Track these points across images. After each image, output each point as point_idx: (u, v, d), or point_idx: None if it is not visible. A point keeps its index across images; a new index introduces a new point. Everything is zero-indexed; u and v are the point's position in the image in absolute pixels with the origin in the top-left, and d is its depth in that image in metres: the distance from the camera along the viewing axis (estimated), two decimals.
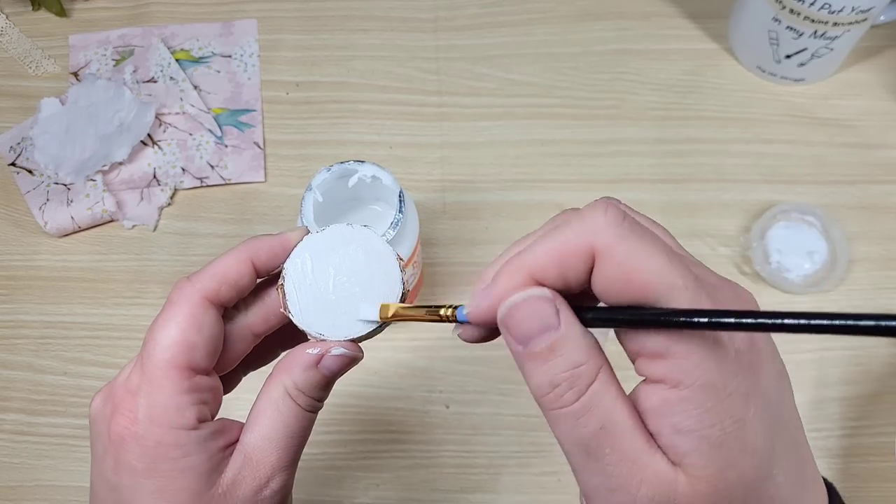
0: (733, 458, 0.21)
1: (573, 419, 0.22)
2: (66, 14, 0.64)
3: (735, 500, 0.22)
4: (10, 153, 0.58)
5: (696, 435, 0.21)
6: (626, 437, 0.22)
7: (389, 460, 0.50)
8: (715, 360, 0.21)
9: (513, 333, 0.23)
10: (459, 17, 0.63)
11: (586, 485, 0.23)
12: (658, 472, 0.22)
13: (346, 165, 0.45)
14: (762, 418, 0.22)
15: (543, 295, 0.23)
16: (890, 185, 0.57)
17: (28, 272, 0.55)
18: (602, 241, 0.22)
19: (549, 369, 0.22)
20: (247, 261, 0.28)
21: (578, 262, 0.22)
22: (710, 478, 0.21)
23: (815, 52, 0.57)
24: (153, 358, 0.26)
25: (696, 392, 0.21)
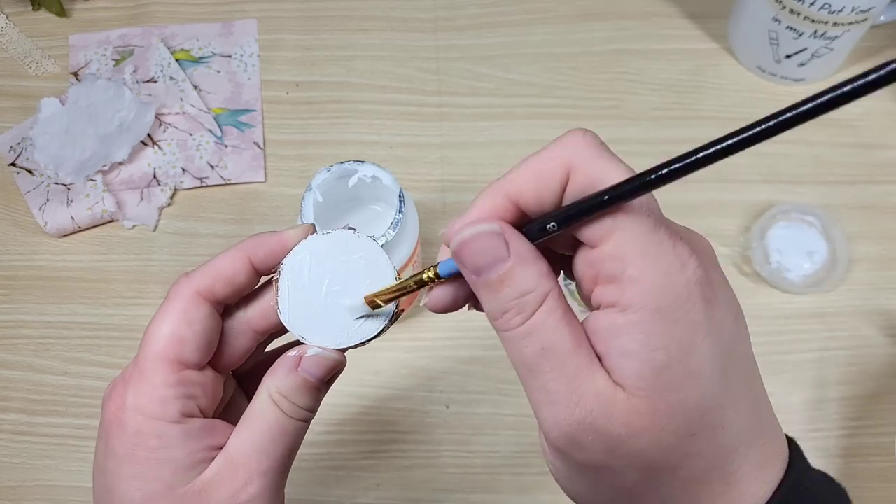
0: (676, 382, 0.22)
1: (519, 340, 0.23)
2: (66, 14, 0.64)
3: (676, 423, 0.22)
4: (10, 153, 0.58)
5: (640, 358, 0.22)
6: (566, 357, 0.23)
7: (389, 460, 0.50)
8: (666, 286, 0.22)
9: (466, 265, 0.24)
10: (459, 17, 0.63)
11: (532, 401, 0.24)
12: (598, 389, 0.22)
13: (346, 165, 0.45)
14: (712, 349, 0.22)
15: (493, 229, 0.24)
16: (890, 185, 0.57)
17: (28, 272, 0.55)
18: (578, 158, 0.23)
19: (500, 298, 0.23)
20: (243, 258, 0.28)
21: (554, 179, 0.23)
22: (650, 398, 0.22)
23: (815, 52, 0.57)
24: (144, 350, 0.27)
25: (644, 316, 0.22)
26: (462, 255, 0.24)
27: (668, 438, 0.22)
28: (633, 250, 0.22)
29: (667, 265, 0.22)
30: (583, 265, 0.24)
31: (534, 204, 0.24)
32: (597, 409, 0.22)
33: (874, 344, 0.53)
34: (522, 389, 0.55)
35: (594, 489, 0.24)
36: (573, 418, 0.22)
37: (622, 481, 0.23)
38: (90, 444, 0.51)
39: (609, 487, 0.24)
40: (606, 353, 0.23)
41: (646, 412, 0.22)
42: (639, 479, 0.23)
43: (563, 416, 0.23)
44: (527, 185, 0.24)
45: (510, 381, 0.52)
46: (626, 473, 0.23)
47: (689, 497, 0.24)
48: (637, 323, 0.22)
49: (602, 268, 0.23)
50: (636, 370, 0.22)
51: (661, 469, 0.23)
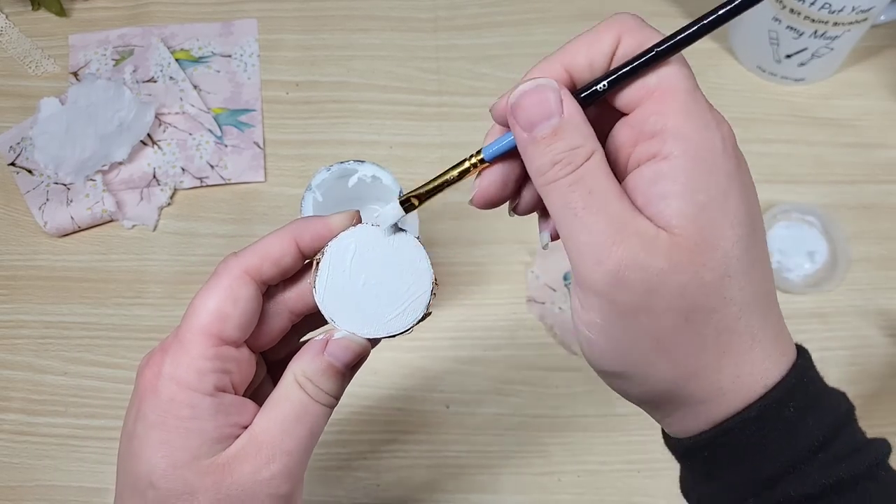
0: (716, 221, 0.24)
1: (566, 187, 0.24)
2: (66, 14, 0.64)
3: (715, 259, 0.24)
4: (10, 153, 0.58)
5: (683, 198, 0.23)
6: (612, 202, 0.24)
7: (389, 460, 0.50)
8: (705, 138, 0.24)
9: (519, 121, 0.25)
10: (459, 16, 0.63)
11: (573, 249, 0.24)
12: (641, 230, 0.23)
13: (346, 165, 0.45)
14: (744, 202, 0.24)
15: (549, 84, 0.25)
16: (890, 185, 0.57)
17: (28, 272, 0.55)
18: (626, 28, 0.25)
19: (550, 151, 0.24)
20: (290, 240, 0.29)
21: (605, 45, 0.25)
22: (692, 234, 0.23)
23: (815, 52, 0.57)
24: (187, 323, 0.27)
25: (686, 161, 0.23)
26: (517, 108, 0.25)
27: (707, 275, 0.23)
28: (675, 105, 0.24)
29: (705, 121, 0.24)
30: (622, 131, 0.25)
31: (586, 69, 0.25)
32: (640, 245, 0.23)
33: (874, 344, 0.53)
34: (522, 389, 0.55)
35: (631, 339, 0.25)
36: (617, 254, 0.23)
37: (661, 325, 0.24)
38: (90, 444, 0.51)
39: (647, 336, 0.24)
40: (647, 200, 0.24)
41: (687, 247, 0.23)
42: (676, 322, 0.24)
43: (607, 253, 0.23)
44: (580, 50, 0.25)
45: (510, 380, 0.52)
46: (666, 315, 0.24)
47: (721, 346, 0.25)
48: (679, 167, 0.23)
49: (644, 125, 0.24)
50: (678, 208, 0.23)
51: (699, 310, 0.24)
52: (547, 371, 0.52)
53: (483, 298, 0.54)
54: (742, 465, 0.26)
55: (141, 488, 0.26)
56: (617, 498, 0.49)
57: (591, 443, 0.51)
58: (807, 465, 0.25)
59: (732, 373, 0.25)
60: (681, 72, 0.25)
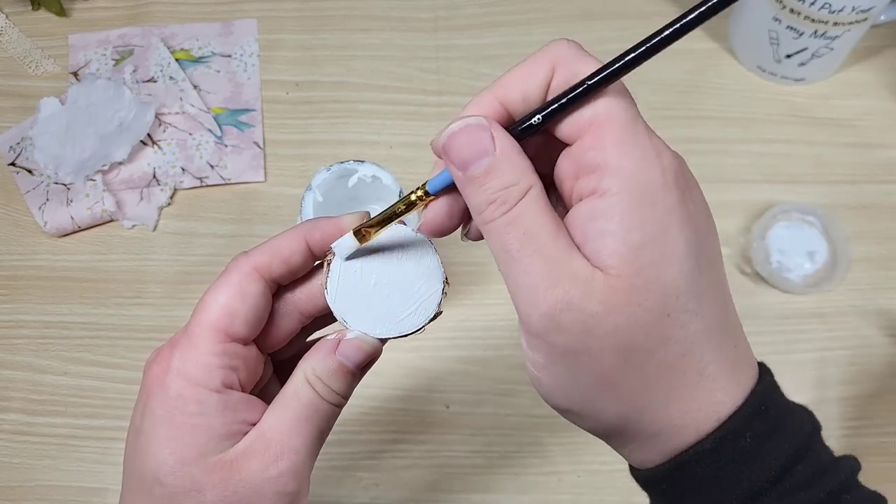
0: (653, 259, 0.23)
1: (502, 228, 0.24)
2: (66, 14, 0.64)
3: (652, 300, 0.23)
4: (10, 153, 0.58)
5: (618, 236, 0.23)
6: (546, 242, 0.24)
7: (389, 460, 0.50)
8: (643, 171, 0.23)
9: (453, 160, 0.25)
10: (459, 16, 0.63)
11: (511, 288, 0.24)
12: (576, 271, 0.23)
13: (346, 165, 0.45)
14: (686, 236, 0.23)
15: (479, 123, 0.25)
16: (890, 185, 0.57)
17: (28, 272, 0.55)
18: (561, 58, 0.25)
19: (485, 190, 0.24)
20: (301, 239, 0.29)
21: (539, 76, 0.25)
22: (628, 275, 0.23)
23: (815, 52, 0.57)
24: (196, 318, 0.27)
25: (622, 198, 0.23)
26: (449, 149, 0.25)
27: (644, 316, 0.23)
28: (612, 139, 0.23)
29: (643, 152, 0.23)
30: (564, 162, 0.25)
31: (520, 102, 0.25)
32: (574, 287, 0.23)
33: (874, 344, 0.53)
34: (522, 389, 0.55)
35: (574, 379, 0.24)
36: (552, 298, 0.23)
37: (600, 366, 0.24)
38: (90, 444, 0.51)
39: (588, 375, 0.24)
40: (585, 238, 0.24)
41: (622, 288, 0.23)
42: (616, 362, 0.24)
43: (542, 297, 0.23)
44: (513, 85, 0.25)
45: (510, 381, 0.52)
46: (604, 356, 0.23)
47: (665, 384, 0.24)
48: (615, 205, 0.23)
49: (583, 159, 0.24)
50: (613, 248, 0.23)
51: (638, 350, 0.23)
52: None
53: (483, 298, 0.54)
54: (701, 497, 0.25)
55: (148, 484, 0.26)
56: (617, 498, 0.49)
57: (591, 443, 0.50)
58: (766, 495, 0.24)
59: (680, 409, 0.24)
60: (618, 102, 0.24)
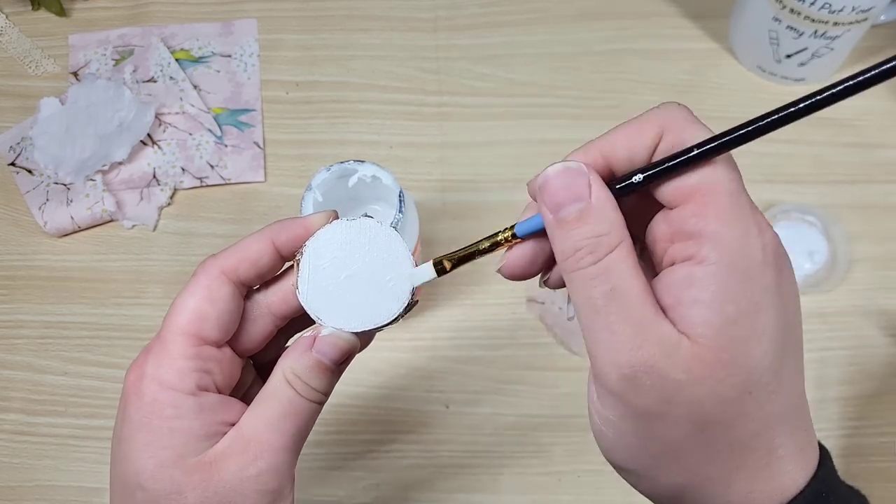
0: (742, 336, 0.22)
1: (588, 279, 0.24)
2: (66, 14, 0.64)
3: (737, 376, 0.23)
4: (10, 153, 0.58)
5: (712, 307, 0.22)
6: (634, 301, 0.23)
7: (389, 460, 0.50)
8: (744, 246, 0.23)
9: (546, 201, 0.25)
10: (459, 16, 0.63)
11: (592, 342, 0.24)
12: (662, 335, 0.23)
13: (346, 165, 0.45)
14: (777, 316, 0.23)
15: (579, 168, 0.24)
16: (890, 185, 0.57)
17: (28, 272, 0.55)
18: (672, 122, 0.25)
19: (575, 235, 0.24)
20: (268, 241, 0.29)
21: (647, 137, 0.25)
22: (715, 347, 0.22)
23: (815, 52, 0.57)
24: (167, 323, 0.28)
25: (721, 269, 0.22)
26: (545, 189, 0.25)
27: (726, 391, 0.23)
28: (716, 209, 0.23)
29: (747, 227, 0.23)
30: (660, 225, 0.25)
31: (625, 160, 0.25)
32: (659, 352, 0.22)
33: (875, 344, 0.53)
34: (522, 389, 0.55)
35: (643, 441, 0.24)
36: (635, 359, 0.23)
37: (673, 433, 0.23)
38: (90, 444, 0.51)
39: (658, 440, 0.24)
40: (676, 303, 0.23)
41: (709, 360, 0.22)
42: (690, 432, 0.23)
43: (625, 357, 0.23)
44: (620, 141, 0.25)
45: (510, 381, 0.52)
46: (679, 425, 0.23)
47: (734, 460, 0.24)
48: (713, 274, 0.22)
49: (683, 224, 0.23)
50: (705, 318, 0.22)
51: (714, 424, 0.23)
52: (547, 371, 0.52)
53: (483, 298, 0.54)
54: None
55: (131, 490, 0.27)
56: (617, 498, 0.49)
57: (591, 443, 0.50)
58: None
59: (744, 488, 0.24)
60: (725, 173, 0.24)
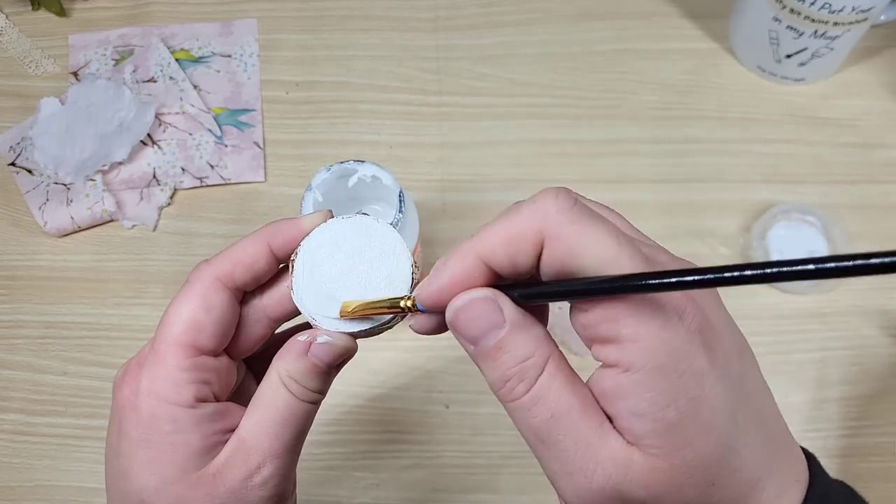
0: (690, 437, 0.22)
1: (525, 410, 0.23)
2: (66, 14, 0.64)
3: (695, 476, 0.22)
4: (10, 153, 0.58)
5: (651, 417, 0.22)
6: (577, 423, 0.22)
7: (389, 460, 0.50)
8: (666, 341, 0.22)
9: (462, 335, 0.24)
10: (459, 16, 0.63)
11: (547, 471, 0.24)
12: (613, 453, 0.22)
13: (346, 165, 0.45)
14: (720, 396, 0.22)
15: (485, 296, 0.24)
16: (890, 185, 0.57)
17: (28, 272, 0.55)
18: (551, 225, 0.22)
19: (500, 366, 0.23)
20: (263, 244, 0.28)
21: (527, 245, 0.23)
22: (666, 456, 0.22)
23: (815, 52, 0.57)
24: (161, 334, 0.27)
25: (649, 375, 0.22)
26: (457, 324, 0.24)
27: (688, 493, 0.22)
28: (626, 310, 0.22)
29: (663, 319, 0.22)
30: (577, 325, 0.23)
31: (508, 267, 0.23)
32: (615, 473, 0.22)
33: (875, 344, 0.53)
34: None
35: None
36: (593, 486, 0.22)
37: None
38: (90, 444, 0.51)
39: None
40: (617, 414, 0.22)
41: (664, 470, 0.22)
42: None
43: (583, 485, 0.22)
44: (499, 248, 0.23)
45: None
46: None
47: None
48: (642, 382, 0.22)
49: (596, 330, 0.22)
50: (649, 429, 0.22)
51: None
52: None
53: None
54: None
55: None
56: None
57: None
58: None
59: None
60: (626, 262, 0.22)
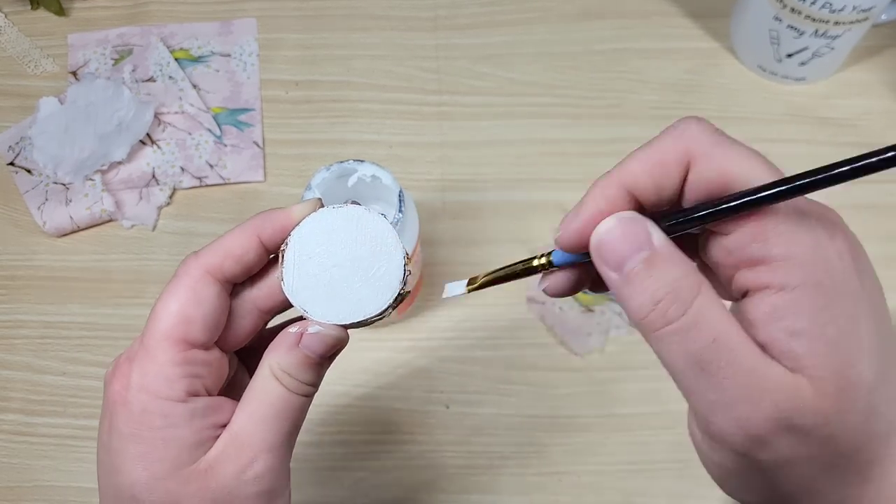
0: (852, 355, 0.21)
1: (683, 334, 0.21)
2: (65, 13, 0.64)
3: (860, 399, 0.21)
4: (9, 153, 0.58)
5: (812, 335, 0.21)
6: (740, 349, 0.21)
7: (389, 460, 0.50)
8: (819, 260, 0.21)
9: (607, 260, 0.22)
10: (459, 16, 0.63)
11: (702, 404, 0.22)
12: (779, 380, 0.21)
13: (346, 165, 0.45)
14: (873, 321, 0.21)
15: (632, 216, 0.22)
16: (890, 184, 0.57)
17: (27, 272, 0.55)
18: (698, 146, 0.22)
19: (649, 286, 0.22)
20: (252, 235, 0.28)
21: (673, 168, 0.22)
22: (832, 378, 0.20)
23: (816, 52, 0.57)
24: (150, 329, 0.27)
25: (807, 292, 0.21)
26: (602, 249, 0.23)
27: (854, 419, 0.21)
28: (777, 227, 0.21)
29: (815, 238, 0.21)
30: (719, 252, 0.23)
31: (652, 195, 0.23)
32: (783, 400, 0.21)
33: None
34: (522, 389, 0.54)
35: (768, 485, 0.23)
36: (760, 416, 0.21)
37: (802, 474, 0.22)
38: (89, 445, 0.51)
39: (786, 483, 0.22)
40: (772, 339, 0.21)
41: (830, 393, 0.21)
42: (821, 470, 0.22)
43: (749, 415, 0.21)
44: (643, 175, 0.23)
45: (510, 381, 0.52)
46: (811, 466, 0.22)
47: (861, 479, 0.22)
48: (800, 300, 0.21)
49: (744, 251, 0.22)
50: (811, 349, 0.21)
51: (844, 455, 0.22)
52: (547, 371, 0.52)
53: (483, 298, 0.54)
54: None
55: (125, 502, 0.26)
56: (617, 498, 0.49)
57: (591, 443, 0.51)
58: None
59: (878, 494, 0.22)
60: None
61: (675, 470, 0.50)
